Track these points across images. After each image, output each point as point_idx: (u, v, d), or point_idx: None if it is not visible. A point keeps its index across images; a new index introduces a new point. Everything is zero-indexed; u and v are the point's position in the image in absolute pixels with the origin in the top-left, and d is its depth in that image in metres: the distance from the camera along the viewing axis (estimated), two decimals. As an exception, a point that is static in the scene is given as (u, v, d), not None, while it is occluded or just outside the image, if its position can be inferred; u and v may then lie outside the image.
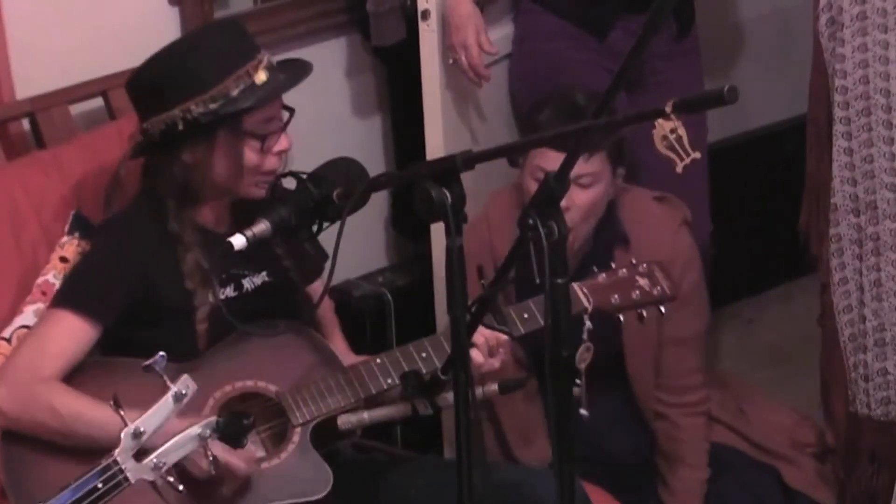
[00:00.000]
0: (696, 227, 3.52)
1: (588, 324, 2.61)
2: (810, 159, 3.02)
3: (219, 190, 2.60)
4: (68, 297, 2.57)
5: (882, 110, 2.85)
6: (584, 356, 2.60)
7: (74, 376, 2.52)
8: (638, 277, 2.74)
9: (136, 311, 2.57)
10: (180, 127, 2.53)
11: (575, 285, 2.69)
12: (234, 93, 2.51)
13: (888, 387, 3.01)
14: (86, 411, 2.42)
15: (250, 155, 2.56)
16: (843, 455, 3.13)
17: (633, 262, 2.77)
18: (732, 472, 3.14)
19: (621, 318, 2.72)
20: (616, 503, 2.91)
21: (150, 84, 2.58)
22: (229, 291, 2.64)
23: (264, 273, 2.69)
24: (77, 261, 2.76)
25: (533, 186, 2.90)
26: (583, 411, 2.60)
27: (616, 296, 2.71)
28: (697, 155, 1.90)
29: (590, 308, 2.66)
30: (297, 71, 2.63)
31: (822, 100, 2.95)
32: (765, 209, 4.36)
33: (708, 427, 3.13)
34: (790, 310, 4.38)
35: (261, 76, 2.53)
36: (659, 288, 2.75)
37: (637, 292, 2.72)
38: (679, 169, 2.14)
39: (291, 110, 2.63)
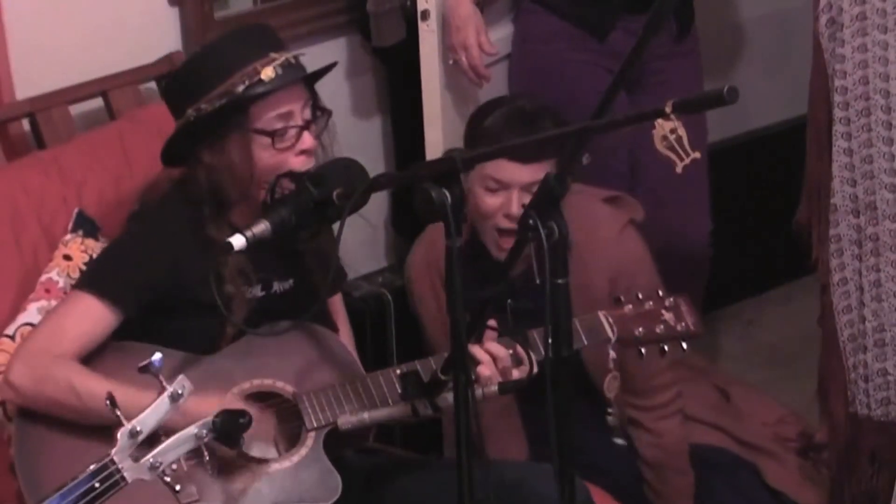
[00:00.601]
0: (695, 227, 3.53)
1: (613, 353, 2.61)
2: (810, 160, 3.02)
3: (243, 190, 2.59)
4: (93, 281, 2.58)
5: (882, 111, 2.85)
6: (611, 385, 2.60)
7: (91, 359, 2.53)
8: (664, 311, 2.72)
9: (164, 303, 2.57)
10: (193, 127, 2.55)
11: (601, 314, 2.69)
12: (240, 89, 2.51)
13: (888, 387, 3.00)
14: (103, 390, 2.40)
15: (264, 153, 2.54)
16: (842, 456, 3.13)
17: (660, 293, 2.75)
18: (719, 472, 3.13)
19: (643, 351, 2.71)
20: (616, 503, 2.91)
21: (172, 88, 2.65)
22: (257, 291, 2.64)
23: (291, 281, 2.69)
24: (106, 247, 2.77)
25: (482, 195, 2.86)
26: (619, 441, 2.61)
27: (640, 328, 2.69)
28: (697, 155, 1.90)
29: (613, 338, 2.66)
30: (319, 71, 2.63)
31: (821, 100, 2.94)
32: (765, 209, 4.36)
33: (684, 427, 3.11)
34: (790, 310, 4.38)
35: (267, 72, 2.52)
36: (683, 324, 2.73)
37: (661, 326, 2.71)
38: (679, 169, 2.14)
39: (327, 112, 2.62)
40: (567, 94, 3.22)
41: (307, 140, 2.56)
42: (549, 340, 2.02)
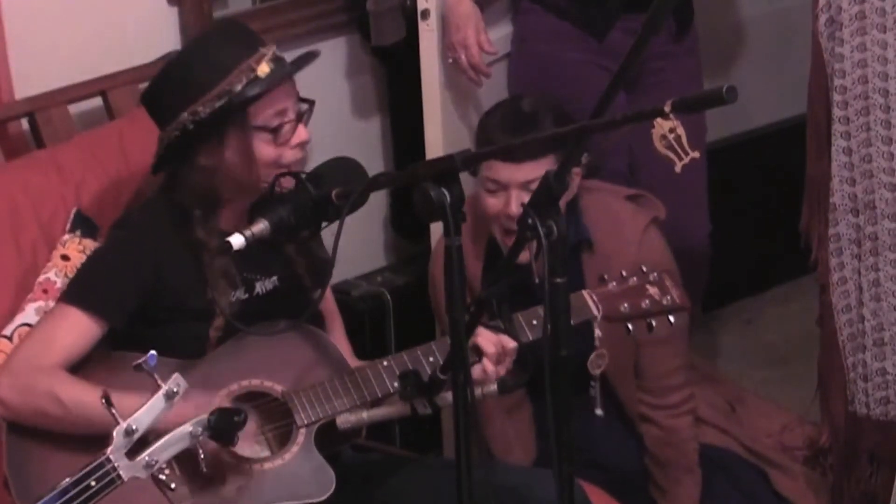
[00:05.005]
0: (694, 227, 3.53)
1: (598, 331, 2.60)
2: (809, 159, 3.02)
3: (240, 189, 2.58)
4: (77, 294, 2.56)
5: (880, 110, 2.85)
6: (597, 363, 2.59)
7: (78, 371, 2.52)
8: (648, 286, 2.71)
9: (149, 310, 2.56)
10: (191, 130, 2.52)
11: (584, 293, 2.69)
12: (238, 87, 2.50)
13: (887, 386, 3.01)
14: (89, 397, 2.39)
15: (265, 148, 2.54)
16: (841, 455, 3.13)
17: (644, 269, 2.73)
18: (725, 473, 3.13)
19: (630, 327, 2.71)
20: (615, 502, 2.91)
21: (160, 95, 2.59)
22: (240, 294, 2.63)
23: (275, 278, 2.68)
24: (88, 256, 2.76)
25: (485, 197, 2.90)
26: (598, 411, 2.60)
27: (626, 304, 2.68)
28: (696, 154, 1.90)
29: (598, 316, 2.65)
30: (301, 59, 2.62)
31: (821, 99, 2.95)
32: (764, 209, 4.36)
33: (695, 426, 3.11)
34: (789, 310, 4.38)
35: (263, 68, 2.51)
36: (669, 297, 2.72)
37: (647, 301, 2.69)
38: (678, 168, 2.13)
39: (311, 102, 2.61)
40: (566, 93, 3.21)
41: (303, 133, 2.57)
42: (549, 341, 2.01)
